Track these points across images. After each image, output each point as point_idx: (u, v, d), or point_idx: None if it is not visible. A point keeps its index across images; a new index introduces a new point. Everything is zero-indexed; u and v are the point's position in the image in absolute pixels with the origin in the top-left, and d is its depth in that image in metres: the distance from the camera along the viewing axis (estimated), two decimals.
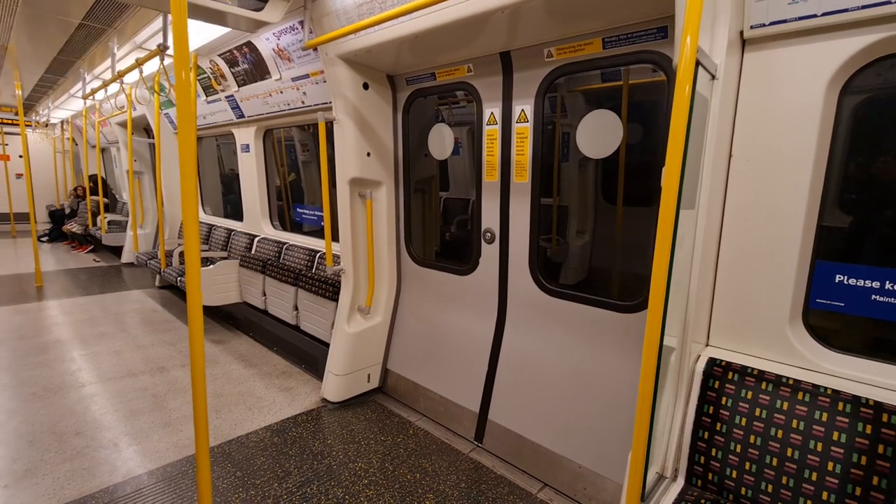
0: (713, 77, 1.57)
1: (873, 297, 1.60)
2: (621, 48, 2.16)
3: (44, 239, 9.68)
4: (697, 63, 1.30)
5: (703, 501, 1.63)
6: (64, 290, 6.15)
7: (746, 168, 1.73)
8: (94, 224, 8.17)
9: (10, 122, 11.45)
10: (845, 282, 1.65)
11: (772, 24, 1.58)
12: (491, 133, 2.76)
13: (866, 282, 1.61)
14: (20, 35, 4.64)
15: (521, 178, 2.66)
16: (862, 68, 1.52)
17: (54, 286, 6.34)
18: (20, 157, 11.41)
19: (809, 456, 1.51)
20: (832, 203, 1.73)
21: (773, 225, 1.69)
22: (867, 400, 1.47)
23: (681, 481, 1.75)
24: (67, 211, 10.02)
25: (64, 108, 8.87)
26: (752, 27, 1.62)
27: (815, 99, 1.56)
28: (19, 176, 11.56)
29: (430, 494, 2.43)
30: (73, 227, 9.03)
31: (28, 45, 5.03)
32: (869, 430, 1.44)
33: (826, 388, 1.55)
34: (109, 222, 7.95)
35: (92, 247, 8.95)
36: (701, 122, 1.59)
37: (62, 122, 10.40)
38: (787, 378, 1.63)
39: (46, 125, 11.26)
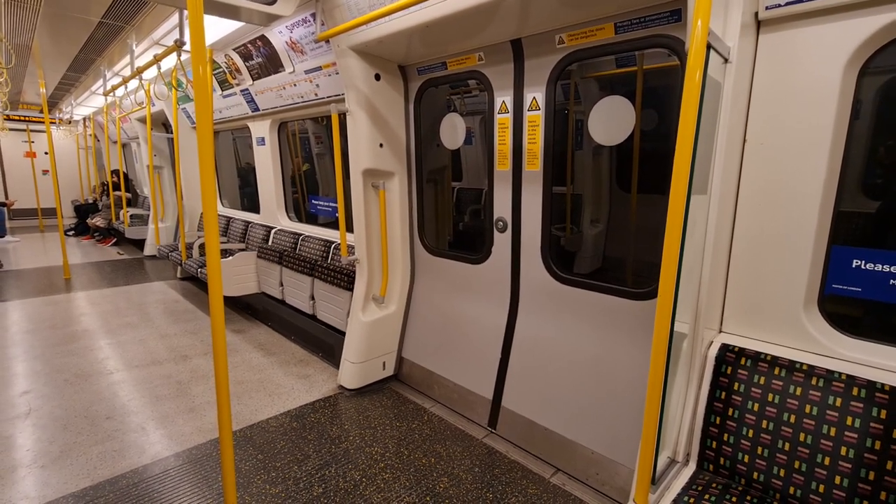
0: (726, 60, 1.55)
1: (892, 281, 1.57)
2: (634, 33, 2.14)
3: (70, 233, 10.00)
4: (709, 46, 1.29)
5: (714, 485, 1.64)
6: (90, 282, 6.36)
7: (761, 152, 1.70)
8: (117, 218, 8.40)
9: (35, 119, 11.78)
10: (863, 267, 1.62)
11: (788, 4, 1.55)
12: (502, 122, 2.75)
13: (884, 266, 1.58)
14: (42, 34, 4.77)
15: (533, 167, 2.66)
16: (881, 48, 1.48)
17: (81, 278, 6.56)
18: (45, 153, 11.76)
19: (822, 441, 1.51)
20: (850, 187, 1.70)
21: (789, 209, 1.67)
22: (882, 385, 1.46)
23: (692, 465, 1.77)
24: (98, 204, 10.32)
25: (86, 105, 9.09)
26: (767, 8, 1.59)
27: (832, 80, 1.53)
28: (45, 172, 11.91)
29: (444, 478, 2.48)
30: (97, 221, 9.31)
31: (50, 43, 5.17)
32: (884, 415, 1.43)
33: (840, 374, 1.54)
34: (131, 216, 8.17)
35: (115, 240, 9.21)
36: (713, 107, 1.57)
37: (84, 119, 10.67)
38: (801, 363, 1.62)
39: (69, 122, 11.55)
